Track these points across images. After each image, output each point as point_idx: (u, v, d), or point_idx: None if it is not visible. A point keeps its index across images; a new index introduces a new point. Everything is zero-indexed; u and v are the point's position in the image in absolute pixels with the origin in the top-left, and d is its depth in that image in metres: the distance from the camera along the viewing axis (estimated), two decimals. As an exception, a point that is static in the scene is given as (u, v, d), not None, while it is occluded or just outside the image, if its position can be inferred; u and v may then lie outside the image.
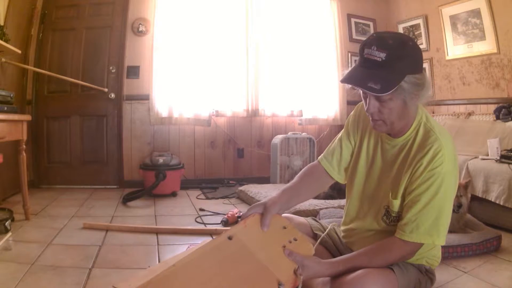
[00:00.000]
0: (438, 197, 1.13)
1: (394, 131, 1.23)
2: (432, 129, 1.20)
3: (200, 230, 2.54)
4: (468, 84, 3.93)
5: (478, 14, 3.68)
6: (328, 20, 4.59)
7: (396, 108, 1.15)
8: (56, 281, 1.67)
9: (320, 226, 1.52)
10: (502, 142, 2.93)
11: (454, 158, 1.17)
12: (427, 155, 1.15)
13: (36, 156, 3.97)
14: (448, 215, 1.17)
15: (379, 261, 1.15)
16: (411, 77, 1.10)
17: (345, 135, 1.43)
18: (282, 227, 1.25)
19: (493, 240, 2.13)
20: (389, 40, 1.10)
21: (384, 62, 1.08)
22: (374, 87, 1.07)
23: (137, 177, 3.96)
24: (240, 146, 4.47)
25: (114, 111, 4.09)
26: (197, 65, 4.16)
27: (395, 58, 1.08)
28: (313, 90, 4.55)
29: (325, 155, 1.45)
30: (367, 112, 1.18)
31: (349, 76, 1.15)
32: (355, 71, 1.15)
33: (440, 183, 1.13)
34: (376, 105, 1.15)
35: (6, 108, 2.44)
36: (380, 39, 1.11)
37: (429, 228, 1.14)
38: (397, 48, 1.09)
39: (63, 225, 2.58)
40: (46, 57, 3.95)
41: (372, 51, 1.09)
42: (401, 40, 1.12)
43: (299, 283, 1.09)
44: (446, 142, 1.17)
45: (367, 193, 1.34)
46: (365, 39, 1.15)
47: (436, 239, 1.15)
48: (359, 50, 1.15)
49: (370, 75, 1.09)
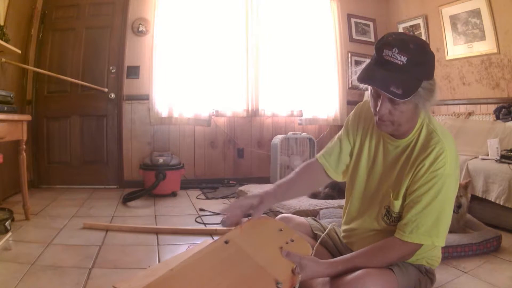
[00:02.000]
0: (439, 199, 1.13)
1: (398, 132, 1.23)
2: (434, 131, 1.20)
3: (200, 230, 2.54)
4: (468, 84, 3.93)
5: (478, 14, 3.68)
6: (328, 20, 4.59)
7: (407, 111, 1.15)
8: (56, 281, 1.67)
9: (320, 226, 1.52)
10: (502, 142, 2.93)
11: (456, 160, 1.17)
12: (430, 156, 1.15)
13: (36, 156, 3.97)
14: (449, 216, 1.18)
15: (378, 261, 1.15)
16: (426, 83, 1.11)
17: (345, 134, 1.42)
18: (278, 230, 1.25)
19: (493, 240, 2.13)
20: (410, 44, 1.09)
21: (404, 66, 1.08)
22: (397, 91, 1.07)
23: (137, 177, 3.96)
24: (240, 146, 4.47)
25: (114, 111, 4.09)
26: (197, 65, 4.16)
27: (415, 63, 1.08)
28: (313, 90, 4.55)
29: (323, 153, 1.45)
30: (377, 113, 1.17)
31: (368, 77, 1.13)
32: (373, 71, 1.13)
33: (442, 185, 1.13)
34: (388, 107, 1.14)
35: (6, 108, 2.44)
36: (401, 42, 1.10)
37: (429, 229, 1.14)
38: (417, 54, 1.09)
39: (63, 225, 2.58)
40: (46, 57, 3.95)
41: (393, 54, 1.08)
42: (422, 46, 1.12)
43: (297, 282, 1.09)
44: (449, 144, 1.17)
45: (368, 193, 1.34)
46: (383, 38, 1.14)
47: (436, 240, 1.15)
48: (376, 48, 1.13)
49: (391, 79, 1.08)
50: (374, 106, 1.18)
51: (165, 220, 2.81)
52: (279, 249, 1.16)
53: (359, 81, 1.15)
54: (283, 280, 1.06)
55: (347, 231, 1.42)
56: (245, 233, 1.20)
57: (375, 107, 1.17)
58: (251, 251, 1.13)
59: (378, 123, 1.20)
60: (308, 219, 1.55)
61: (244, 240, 1.17)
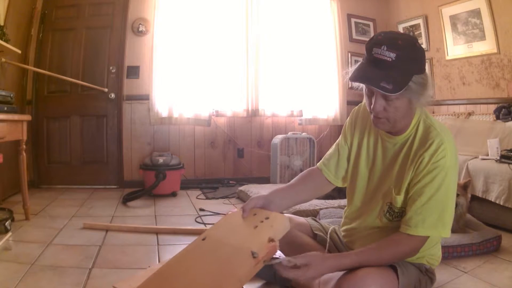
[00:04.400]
0: (442, 190, 1.15)
1: (395, 129, 1.24)
2: (432, 125, 1.22)
3: (200, 230, 2.54)
4: (468, 84, 3.93)
5: (478, 14, 3.68)
6: (328, 20, 4.59)
7: (402, 107, 1.16)
8: (56, 281, 1.67)
9: (320, 226, 1.52)
10: (502, 142, 2.93)
11: (455, 153, 1.19)
12: (430, 148, 1.16)
13: (36, 156, 3.97)
14: (452, 207, 1.19)
15: (386, 257, 1.15)
16: (417, 77, 1.13)
17: (343, 140, 1.45)
18: (253, 215, 1.28)
19: (493, 240, 2.13)
20: (398, 40, 1.11)
21: (394, 62, 1.10)
22: (387, 87, 1.09)
23: (137, 177, 3.96)
24: (240, 146, 4.47)
25: (114, 111, 4.09)
26: (197, 65, 4.16)
27: (404, 59, 1.10)
28: (313, 90, 4.55)
29: (323, 160, 1.48)
30: (372, 110, 1.19)
31: (360, 75, 1.16)
32: (364, 70, 1.15)
33: (444, 176, 1.15)
34: (383, 104, 1.16)
35: (6, 108, 2.44)
36: (390, 39, 1.12)
37: (435, 221, 1.15)
38: (406, 49, 1.11)
39: (63, 225, 2.58)
40: (46, 57, 3.95)
41: (382, 51, 1.11)
42: (410, 41, 1.14)
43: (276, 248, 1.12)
44: (447, 137, 1.19)
45: (370, 192, 1.35)
46: (373, 38, 1.16)
47: (442, 232, 1.17)
48: (366, 48, 1.16)
49: (382, 75, 1.10)
50: (369, 104, 1.20)
51: (165, 220, 2.81)
52: (254, 228, 1.20)
53: (351, 80, 1.18)
54: (258, 249, 1.09)
55: (348, 231, 1.42)
56: (220, 227, 1.27)
57: (370, 105, 1.19)
58: (227, 239, 1.18)
59: (374, 121, 1.22)
60: (308, 219, 1.55)
61: (220, 232, 1.23)
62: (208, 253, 1.15)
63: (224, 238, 1.19)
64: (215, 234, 1.23)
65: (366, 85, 1.18)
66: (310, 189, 1.45)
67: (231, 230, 1.23)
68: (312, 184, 1.44)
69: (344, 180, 1.45)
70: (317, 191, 1.48)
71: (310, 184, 1.44)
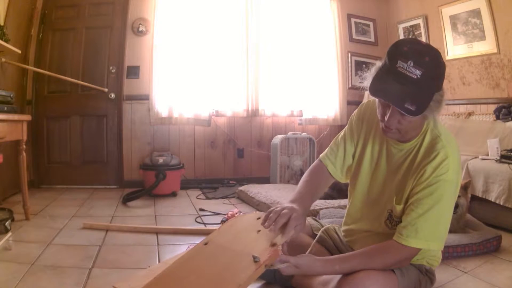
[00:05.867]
0: (439, 205, 1.13)
1: (404, 139, 1.23)
2: (439, 136, 1.20)
3: (200, 230, 2.54)
4: (468, 84, 3.93)
5: (478, 14, 3.68)
6: (328, 20, 4.59)
7: (416, 121, 1.15)
8: (56, 281, 1.66)
9: (320, 226, 1.52)
10: (502, 142, 2.93)
11: (458, 167, 1.17)
12: (434, 161, 1.15)
13: (36, 156, 3.96)
14: (448, 222, 1.18)
15: (376, 263, 1.15)
16: (437, 95, 1.11)
17: (349, 135, 1.42)
18: (256, 219, 1.28)
19: (493, 240, 2.13)
20: (425, 57, 1.07)
21: (418, 80, 1.06)
22: (411, 108, 1.06)
23: (137, 177, 3.96)
24: (240, 146, 4.47)
25: (114, 111, 4.09)
26: (197, 65, 4.16)
27: (429, 77, 1.07)
28: (313, 90, 4.55)
29: (328, 155, 1.45)
30: (386, 122, 1.15)
31: (381, 89, 1.10)
32: (385, 83, 1.10)
33: (444, 191, 1.13)
34: (397, 118, 1.13)
35: (6, 108, 2.44)
36: (417, 54, 1.07)
37: (428, 234, 1.14)
38: (432, 68, 1.07)
39: (63, 225, 2.58)
40: (46, 57, 3.95)
41: (408, 67, 1.06)
42: (436, 58, 1.10)
43: (279, 253, 1.11)
44: (453, 150, 1.16)
45: (371, 196, 1.34)
46: (398, 48, 1.10)
47: (433, 245, 1.15)
48: (389, 56, 1.11)
49: (405, 94, 1.06)
50: (382, 114, 1.17)
51: (165, 220, 2.81)
52: (257, 232, 1.19)
53: (372, 94, 1.12)
54: (260, 254, 1.09)
55: (348, 231, 1.42)
56: (222, 232, 1.27)
57: (383, 115, 1.16)
58: (229, 243, 1.19)
59: (385, 130, 1.19)
60: (308, 219, 1.55)
61: (222, 237, 1.23)
62: (210, 257, 1.15)
63: (226, 243, 1.19)
64: (217, 239, 1.23)
65: (390, 104, 1.11)
66: (322, 188, 1.44)
67: (233, 235, 1.23)
68: (322, 182, 1.44)
69: (347, 176, 1.45)
70: (324, 188, 1.47)
71: (322, 183, 1.43)
